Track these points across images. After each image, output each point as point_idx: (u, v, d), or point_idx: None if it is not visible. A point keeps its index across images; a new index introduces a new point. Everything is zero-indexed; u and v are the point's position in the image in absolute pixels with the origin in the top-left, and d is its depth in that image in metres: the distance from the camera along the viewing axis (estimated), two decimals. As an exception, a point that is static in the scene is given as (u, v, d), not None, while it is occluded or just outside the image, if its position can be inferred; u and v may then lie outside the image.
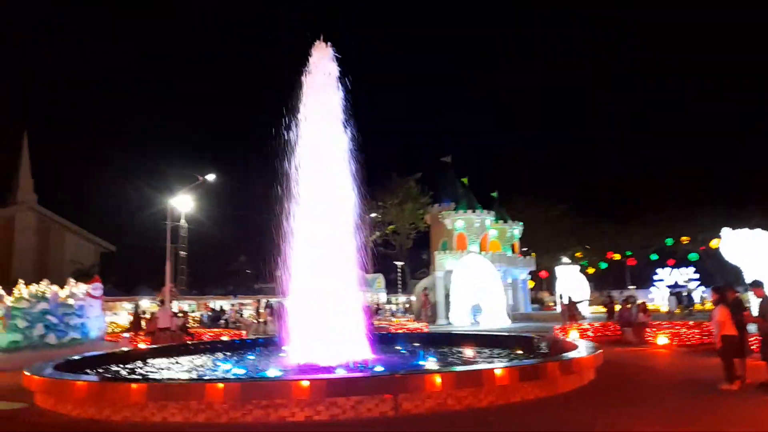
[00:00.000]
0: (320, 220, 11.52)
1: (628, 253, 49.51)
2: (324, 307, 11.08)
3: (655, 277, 47.48)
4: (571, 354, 9.46)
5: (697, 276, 45.62)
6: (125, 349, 15.74)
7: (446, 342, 14.38)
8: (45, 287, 18.17)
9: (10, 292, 17.45)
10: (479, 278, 28.76)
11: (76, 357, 11.38)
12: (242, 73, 77.93)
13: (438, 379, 7.45)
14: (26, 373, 8.70)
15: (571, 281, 36.35)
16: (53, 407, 8.04)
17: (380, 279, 45.39)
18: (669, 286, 43.98)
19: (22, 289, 17.55)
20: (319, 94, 11.89)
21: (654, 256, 49.25)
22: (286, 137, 11.94)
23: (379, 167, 47.22)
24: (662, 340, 14.79)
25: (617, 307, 20.95)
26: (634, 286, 49.44)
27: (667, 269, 47.15)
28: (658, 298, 43.08)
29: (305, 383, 7.15)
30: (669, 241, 47.06)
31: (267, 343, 12.69)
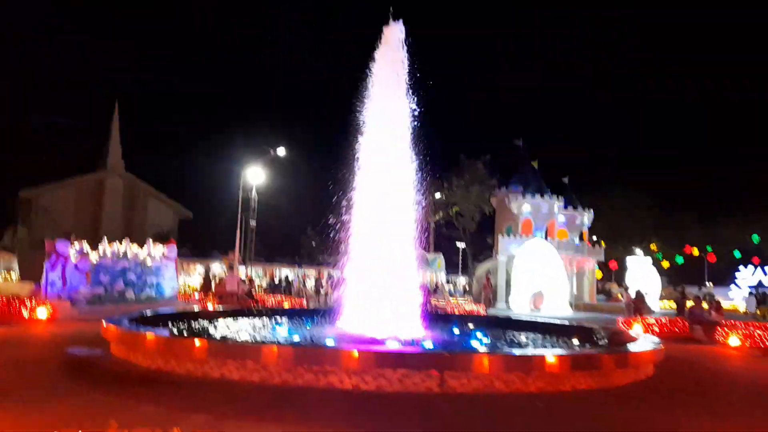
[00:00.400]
0: (382, 196, 11.68)
1: (708, 248, 46.68)
2: (381, 281, 11.30)
3: (737, 276, 44.59)
4: (629, 346, 9.16)
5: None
6: (195, 308, 16.71)
7: (502, 326, 14.27)
8: (127, 247, 19.60)
9: (97, 250, 18.96)
10: (542, 264, 28.16)
11: (149, 312, 12.25)
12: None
13: (486, 361, 7.45)
14: (104, 324, 9.49)
15: (642, 274, 34.86)
16: (126, 356, 8.74)
17: (440, 259, 45.32)
18: (750, 286, 41.18)
19: (106, 248, 19.01)
20: (387, 70, 11.97)
21: (738, 254, 46.18)
22: (351, 113, 12.13)
23: (448, 149, 46.74)
24: (734, 341, 13.97)
25: (689, 303, 19.90)
26: (711, 284, 46.72)
27: (751, 268, 44.09)
28: (738, 297, 40.51)
29: (355, 353, 7.37)
30: (755, 238, 43.91)
31: (325, 313, 13.11)
